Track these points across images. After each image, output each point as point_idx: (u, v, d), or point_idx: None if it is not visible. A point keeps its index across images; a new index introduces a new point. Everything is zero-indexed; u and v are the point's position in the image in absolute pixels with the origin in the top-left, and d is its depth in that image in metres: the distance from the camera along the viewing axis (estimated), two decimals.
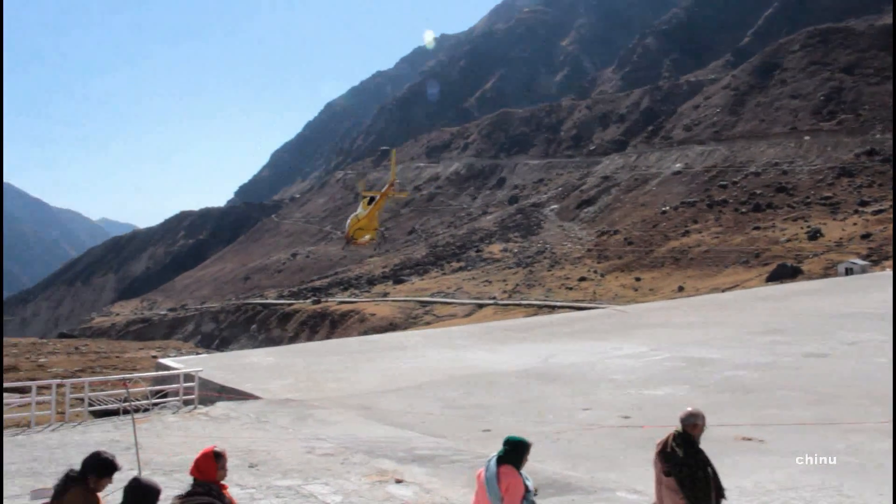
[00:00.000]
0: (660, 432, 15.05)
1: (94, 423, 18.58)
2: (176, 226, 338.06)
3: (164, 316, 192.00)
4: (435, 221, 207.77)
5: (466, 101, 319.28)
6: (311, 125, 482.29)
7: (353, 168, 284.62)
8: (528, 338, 33.50)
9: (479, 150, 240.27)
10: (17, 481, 12.75)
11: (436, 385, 22.22)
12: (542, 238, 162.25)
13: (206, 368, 24.71)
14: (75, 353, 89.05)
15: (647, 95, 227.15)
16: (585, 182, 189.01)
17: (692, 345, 28.46)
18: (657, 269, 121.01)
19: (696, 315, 39.64)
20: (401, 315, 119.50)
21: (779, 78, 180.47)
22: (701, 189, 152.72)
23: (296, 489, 11.92)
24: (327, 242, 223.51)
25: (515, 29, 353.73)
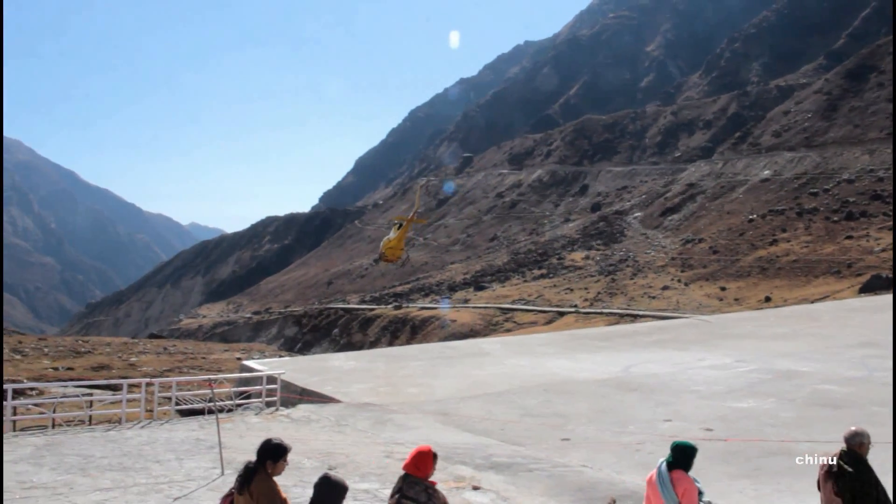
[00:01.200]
0: (744, 446, 14.88)
1: (181, 421, 19.01)
2: (262, 230, 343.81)
3: (249, 319, 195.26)
4: (517, 228, 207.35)
5: (550, 108, 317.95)
6: (395, 132, 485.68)
7: (436, 174, 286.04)
8: (609, 346, 33.19)
9: (561, 157, 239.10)
10: (107, 475, 13.17)
11: (515, 392, 22.15)
12: (625, 246, 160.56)
13: (289, 371, 25.06)
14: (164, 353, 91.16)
15: (735, 101, 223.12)
16: (670, 189, 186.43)
17: (779, 356, 27.79)
18: (743, 279, 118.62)
19: (783, 326, 38.70)
20: (481, 321, 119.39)
21: (875, 81, 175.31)
22: (790, 197, 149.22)
23: (373, 493, 12.02)
24: (409, 248, 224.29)
25: (600, 35, 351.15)
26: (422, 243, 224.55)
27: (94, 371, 68.42)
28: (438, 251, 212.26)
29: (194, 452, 14.80)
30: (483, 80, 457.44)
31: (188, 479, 12.89)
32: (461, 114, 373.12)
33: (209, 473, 13.18)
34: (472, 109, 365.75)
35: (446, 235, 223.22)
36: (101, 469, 13.54)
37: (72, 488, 12.34)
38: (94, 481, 12.76)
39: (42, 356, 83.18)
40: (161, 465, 13.86)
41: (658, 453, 14.65)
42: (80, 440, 16.27)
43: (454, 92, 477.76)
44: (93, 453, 14.86)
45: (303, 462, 13.97)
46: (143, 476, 13.10)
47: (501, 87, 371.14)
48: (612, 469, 13.82)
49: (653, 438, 16.02)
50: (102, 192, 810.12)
